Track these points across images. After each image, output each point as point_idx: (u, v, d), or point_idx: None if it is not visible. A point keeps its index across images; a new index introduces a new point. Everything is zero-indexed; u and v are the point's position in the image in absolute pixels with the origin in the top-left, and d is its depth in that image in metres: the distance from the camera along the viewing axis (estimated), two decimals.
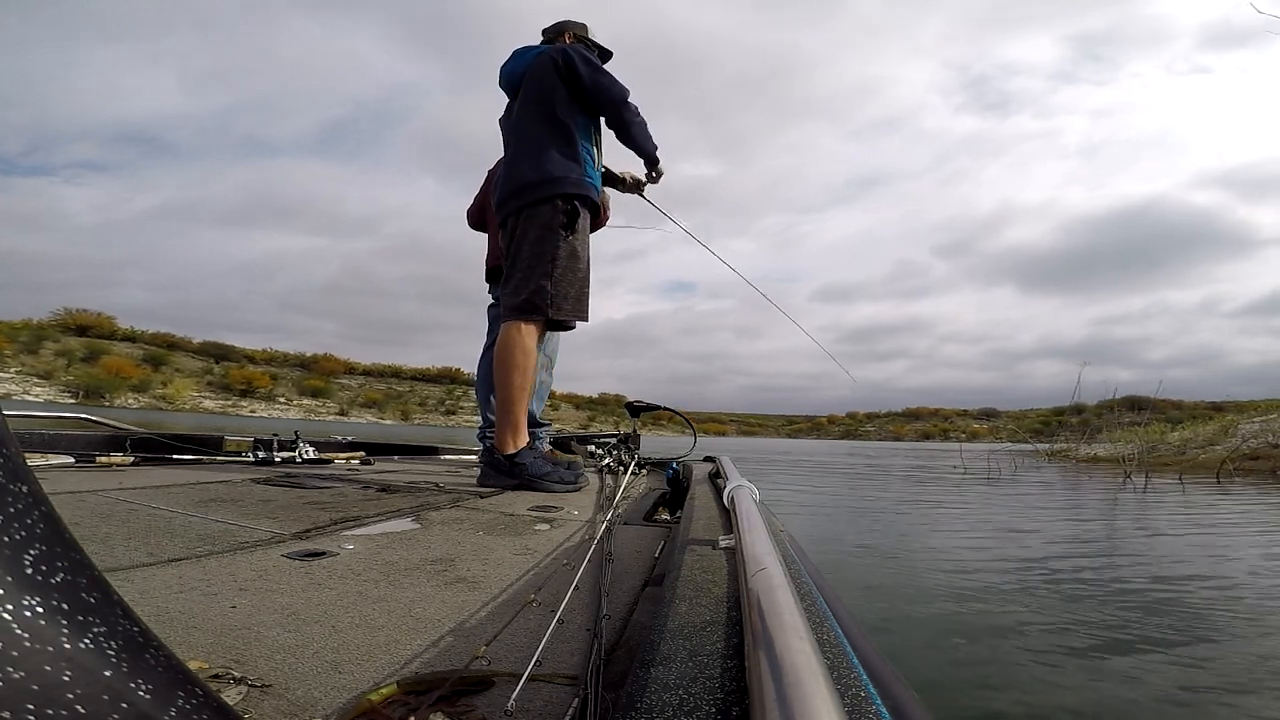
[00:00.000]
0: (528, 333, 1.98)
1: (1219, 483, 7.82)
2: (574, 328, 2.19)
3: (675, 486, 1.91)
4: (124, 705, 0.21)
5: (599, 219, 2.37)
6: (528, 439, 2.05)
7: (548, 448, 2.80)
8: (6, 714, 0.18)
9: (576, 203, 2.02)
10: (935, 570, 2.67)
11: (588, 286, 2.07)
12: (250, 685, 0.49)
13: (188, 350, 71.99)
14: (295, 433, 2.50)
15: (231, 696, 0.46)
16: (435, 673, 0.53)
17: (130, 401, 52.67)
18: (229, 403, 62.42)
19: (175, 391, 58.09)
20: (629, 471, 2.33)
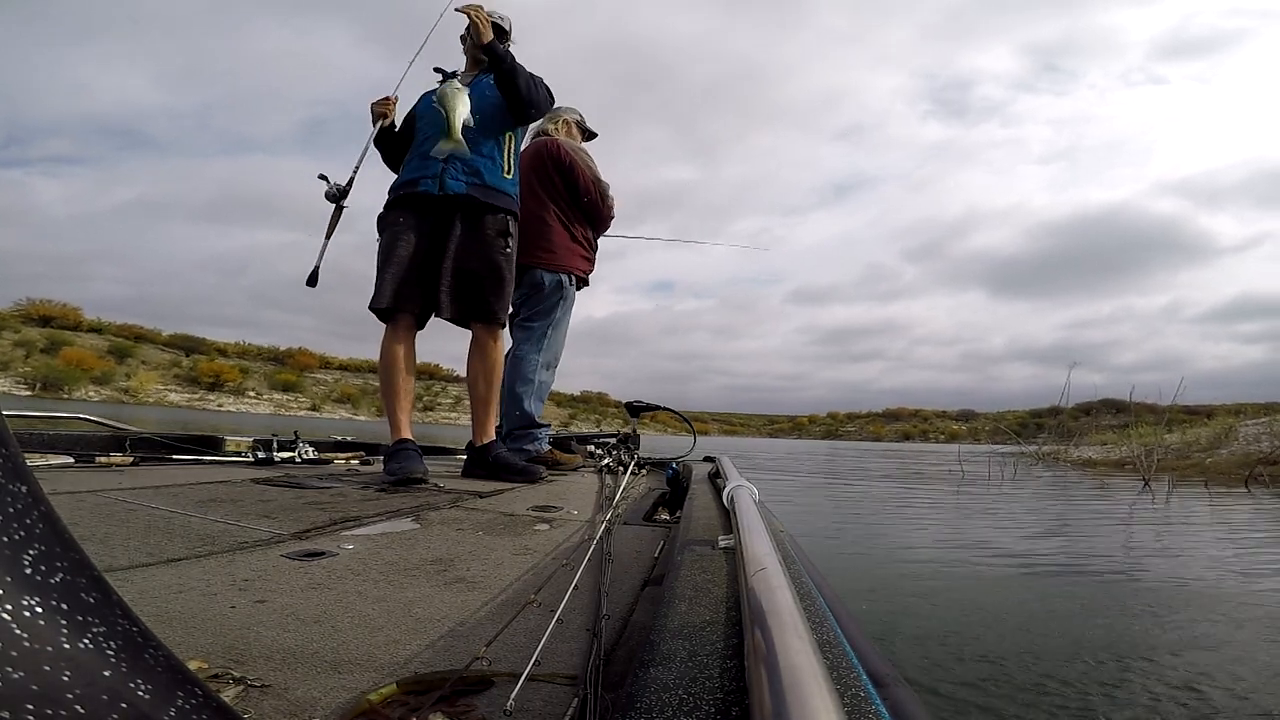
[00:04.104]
0: (383, 337, 2.16)
1: (1248, 490, 7.21)
2: (470, 325, 2.27)
3: (675, 486, 1.91)
4: (123, 705, 0.21)
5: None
6: (494, 433, 2.32)
7: (547, 448, 2.80)
8: (6, 714, 0.18)
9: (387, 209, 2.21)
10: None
11: (382, 274, 2.12)
12: (249, 685, 0.49)
13: (156, 343, 69.86)
14: (295, 433, 2.50)
15: (231, 696, 0.46)
16: (435, 673, 0.53)
17: (91, 394, 51.01)
18: (195, 396, 60.76)
19: (139, 384, 56.40)
20: (629, 471, 2.33)
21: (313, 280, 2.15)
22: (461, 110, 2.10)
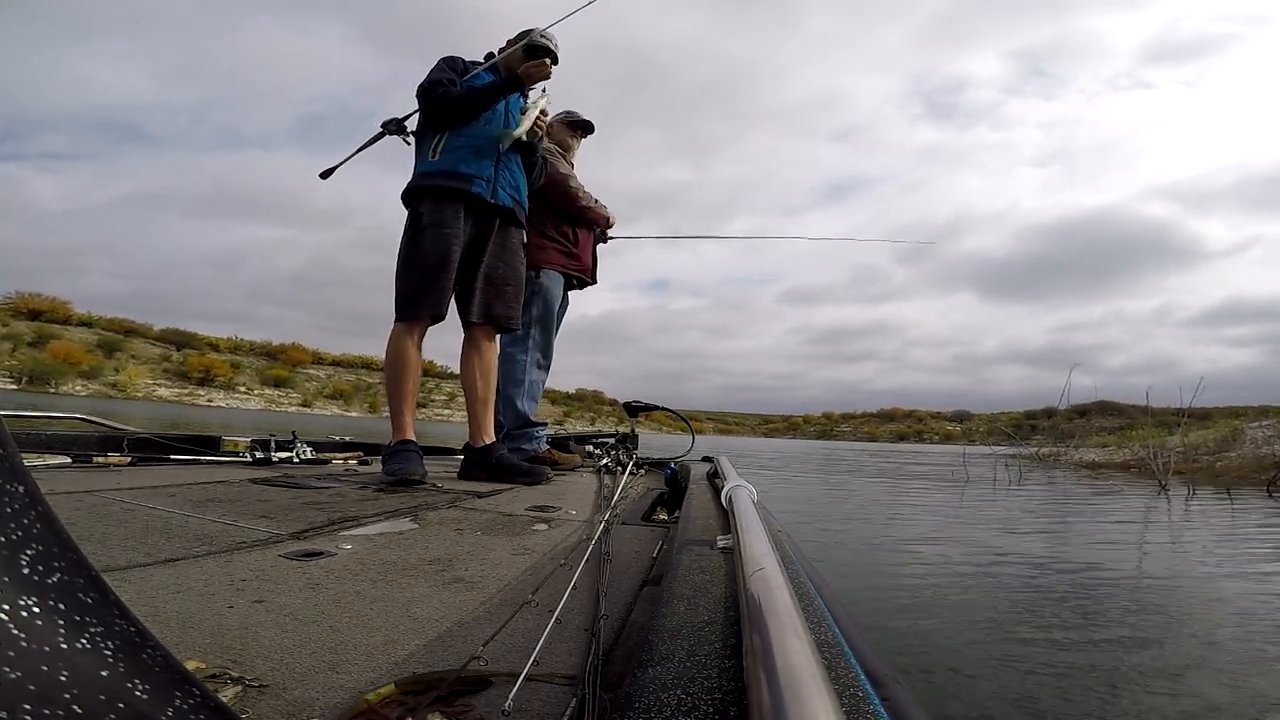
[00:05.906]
0: (396, 333, 2.11)
1: (1270, 495, 6.89)
2: (484, 325, 2.25)
3: (673, 486, 1.91)
4: (121, 705, 0.21)
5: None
6: (494, 435, 2.29)
7: (545, 447, 2.80)
8: (4, 714, 0.18)
9: (412, 201, 2.14)
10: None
11: (436, 278, 2.07)
12: (247, 685, 0.48)
13: (147, 337, 68.53)
14: (293, 433, 2.50)
15: (228, 696, 0.46)
16: (433, 673, 0.53)
17: (78, 389, 50.11)
18: (185, 391, 59.74)
19: (127, 379, 55.48)
20: (627, 471, 2.33)
21: (326, 174, 2.26)
22: (533, 114, 2.19)
